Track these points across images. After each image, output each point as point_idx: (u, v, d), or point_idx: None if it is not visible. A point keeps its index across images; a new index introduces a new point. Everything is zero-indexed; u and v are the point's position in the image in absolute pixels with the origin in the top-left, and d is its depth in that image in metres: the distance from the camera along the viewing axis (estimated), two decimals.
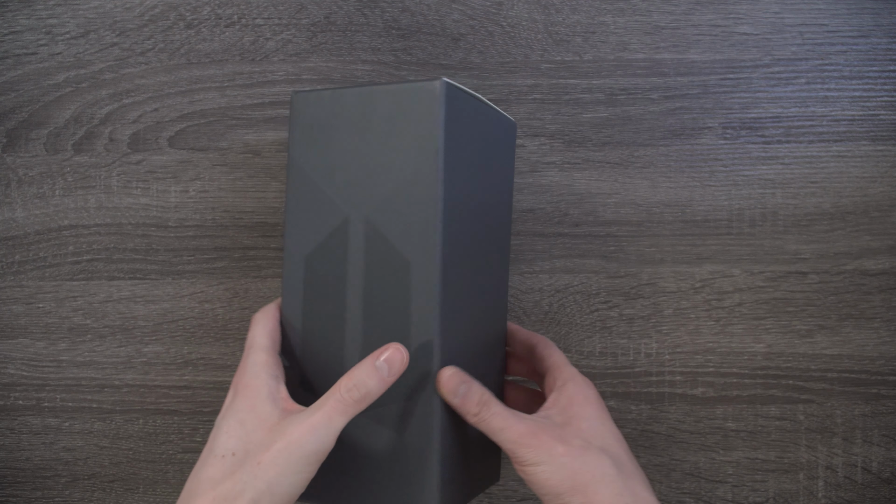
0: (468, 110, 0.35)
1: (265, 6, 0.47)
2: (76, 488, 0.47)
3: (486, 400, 0.33)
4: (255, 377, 0.33)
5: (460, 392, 0.33)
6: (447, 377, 0.33)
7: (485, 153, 0.37)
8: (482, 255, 0.37)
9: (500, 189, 0.39)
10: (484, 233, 0.37)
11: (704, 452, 0.47)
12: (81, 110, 0.47)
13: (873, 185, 0.47)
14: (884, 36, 0.47)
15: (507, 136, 0.40)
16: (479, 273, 0.36)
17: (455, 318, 0.34)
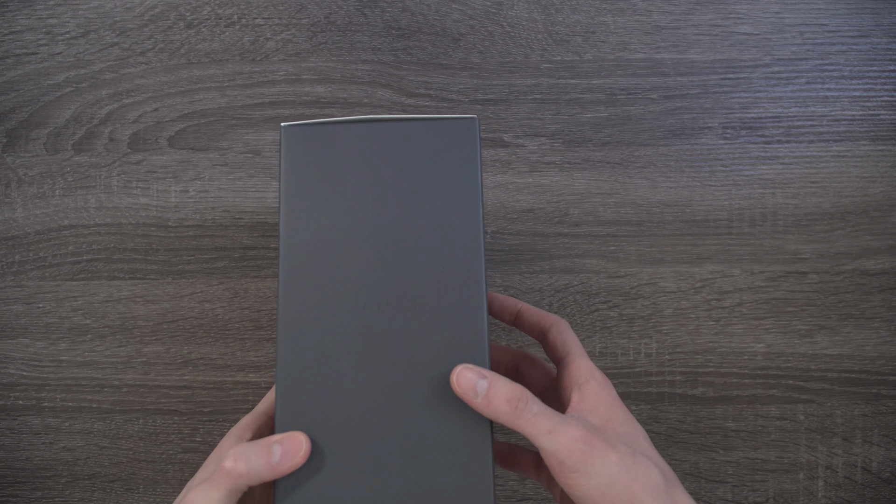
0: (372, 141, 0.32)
1: (265, 6, 0.47)
2: (76, 488, 0.47)
3: (521, 395, 0.29)
4: (226, 438, 0.32)
5: (480, 390, 0.29)
6: (458, 374, 0.29)
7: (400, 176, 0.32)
8: None
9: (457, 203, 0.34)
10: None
11: (704, 452, 0.47)
12: (81, 110, 0.47)
13: (873, 185, 0.47)
14: (884, 36, 0.47)
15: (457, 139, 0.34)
16: None
17: None
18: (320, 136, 0.32)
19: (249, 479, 0.28)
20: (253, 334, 0.47)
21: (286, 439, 0.29)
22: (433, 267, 0.31)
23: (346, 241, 0.31)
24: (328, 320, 0.31)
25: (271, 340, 0.47)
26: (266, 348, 0.47)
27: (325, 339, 0.31)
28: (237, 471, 0.28)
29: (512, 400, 0.29)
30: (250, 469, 0.28)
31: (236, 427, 0.33)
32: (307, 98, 0.47)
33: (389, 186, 0.31)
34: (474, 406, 0.29)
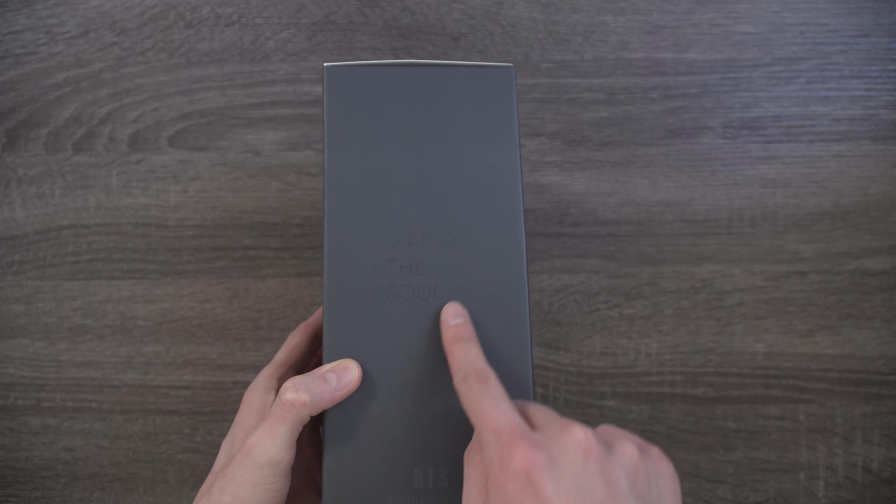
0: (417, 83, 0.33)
1: (265, 6, 0.47)
2: (76, 488, 0.47)
3: (483, 368, 0.28)
4: (252, 391, 0.33)
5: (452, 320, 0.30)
6: (447, 307, 0.30)
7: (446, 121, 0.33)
8: None
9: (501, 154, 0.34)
10: None
11: (704, 452, 0.47)
12: (81, 110, 0.47)
13: (873, 185, 0.47)
14: (884, 35, 0.47)
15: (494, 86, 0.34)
16: None
17: None
18: (362, 78, 0.33)
19: (312, 408, 0.29)
20: (253, 334, 0.47)
21: (338, 367, 0.30)
22: (474, 205, 0.32)
23: (389, 178, 0.32)
24: (372, 253, 0.32)
25: (271, 340, 0.47)
26: (266, 348, 0.47)
27: (369, 272, 0.32)
28: (300, 400, 0.29)
29: (473, 373, 0.28)
30: (313, 397, 0.29)
31: (259, 379, 0.33)
32: (307, 98, 0.47)
33: (430, 128, 0.32)
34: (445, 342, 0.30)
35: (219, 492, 0.29)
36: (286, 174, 0.47)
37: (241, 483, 0.29)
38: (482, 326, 0.31)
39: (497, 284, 0.32)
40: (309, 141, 0.47)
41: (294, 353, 0.35)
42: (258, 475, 0.28)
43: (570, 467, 0.24)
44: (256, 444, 0.29)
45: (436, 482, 0.31)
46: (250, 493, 0.29)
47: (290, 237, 0.47)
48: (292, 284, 0.47)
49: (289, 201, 0.47)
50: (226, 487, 0.29)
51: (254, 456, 0.28)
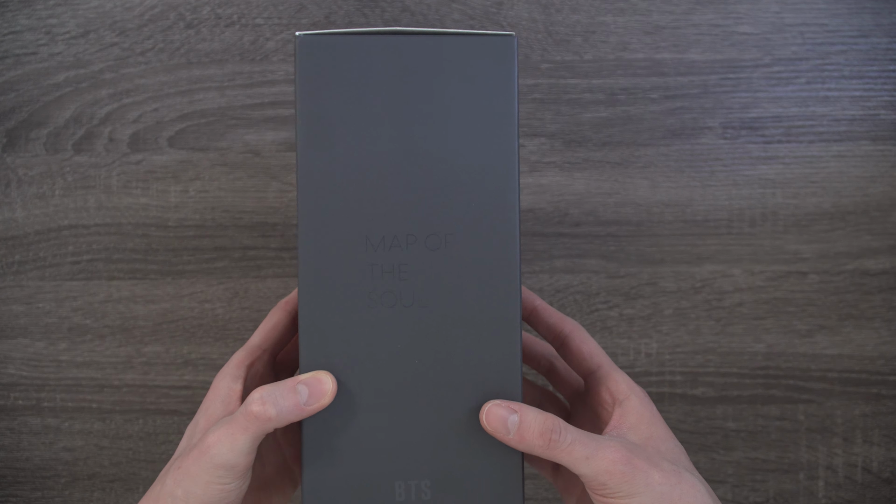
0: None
1: (265, 6, 0.47)
2: (76, 488, 0.47)
3: (553, 426, 0.28)
4: (220, 377, 0.32)
5: (511, 426, 0.28)
6: (488, 412, 0.29)
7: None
8: None
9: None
10: None
11: (704, 452, 0.47)
12: (81, 110, 0.47)
13: (873, 185, 0.47)
14: (884, 36, 0.47)
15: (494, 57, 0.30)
16: None
17: None
18: (340, 49, 0.28)
19: (278, 422, 0.28)
20: None
21: (312, 380, 0.28)
22: (464, 203, 0.29)
23: (370, 170, 0.29)
24: (351, 258, 0.29)
25: None
26: None
27: (348, 278, 0.29)
28: (266, 414, 0.27)
29: (545, 433, 0.28)
30: (279, 412, 0.28)
31: (229, 365, 0.32)
32: None
33: (417, 110, 0.29)
34: (507, 442, 0.29)
35: (172, 483, 0.28)
36: (286, 174, 0.47)
37: (195, 479, 0.28)
38: (468, 335, 0.29)
39: (487, 293, 0.29)
40: None
41: (271, 334, 0.34)
42: (213, 475, 0.28)
43: None
44: (214, 445, 0.28)
45: (418, 495, 0.30)
46: (202, 490, 0.28)
47: (290, 237, 0.47)
48: (292, 285, 0.47)
49: (289, 201, 0.47)
50: (179, 480, 0.28)
51: (210, 456, 0.28)
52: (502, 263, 0.29)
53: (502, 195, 0.29)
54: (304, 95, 0.28)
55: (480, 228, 0.29)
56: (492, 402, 0.29)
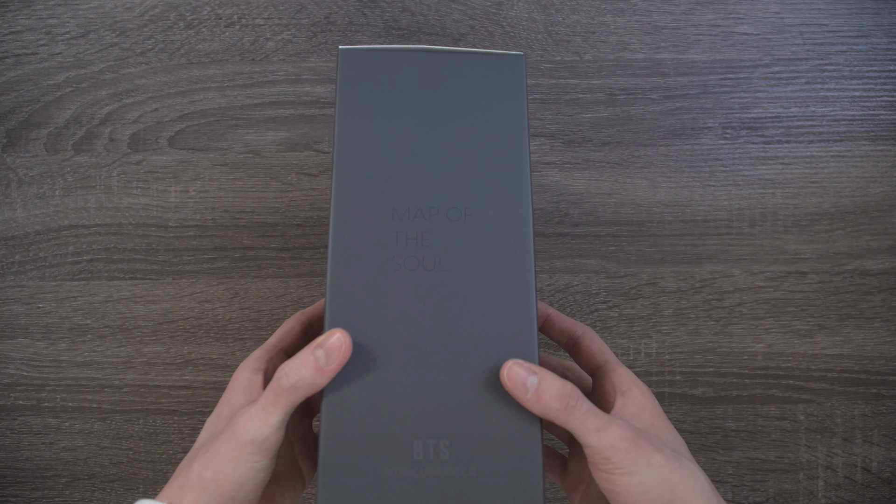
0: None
1: (265, 6, 0.47)
2: (76, 488, 0.47)
3: (571, 392, 0.29)
4: (241, 370, 0.33)
5: (530, 385, 0.29)
6: (508, 369, 0.29)
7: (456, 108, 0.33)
8: None
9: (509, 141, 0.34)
10: None
11: (704, 452, 0.47)
12: (81, 110, 0.47)
13: (873, 185, 0.47)
14: (884, 36, 0.47)
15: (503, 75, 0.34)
16: None
17: None
18: (375, 61, 0.33)
19: (307, 389, 0.29)
20: (253, 334, 0.47)
21: (325, 340, 0.29)
22: (482, 183, 0.32)
23: (398, 155, 0.32)
24: (378, 225, 0.32)
25: None
26: None
27: (374, 243, 0.31)
28: (293, 384, 0.29)
29: (563, 396, 0.29)
30: (302, 379, 0.29)
31: (249, 360, 0.33)
32: (307, 98, 0.47)
33: (441, 111, 0.32)
34: (524, 402, 0.29)
35: (200, 467, 0.29)
36: (286, 174, 0.47)
37: (225, 459, 0.29)
38: (486, 299, 0.31)
39: (504, 261, 0.32)
40: (309, 141, 0.48)
41: (286, 338, 0.35)
42: (244, 452, 0.28)
43: None
44: (246, 422, 0.29)
45: (436, 454, 0.30)
46: (233, 469, 0.28)
47: (290, 237, 0.47)
48: (292, 284, 0.47)
49: (289, 202, 0.47)
50: (208, 463, 0.29)
51: (241, 433, 0.29)
52: (517, 235, 0.33)
53: (515, 175, 0.33)
54: (344, 97, 0.32)
55: (497, 202, 0.32)
56: (513, 360, 0.30)
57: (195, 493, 0.29)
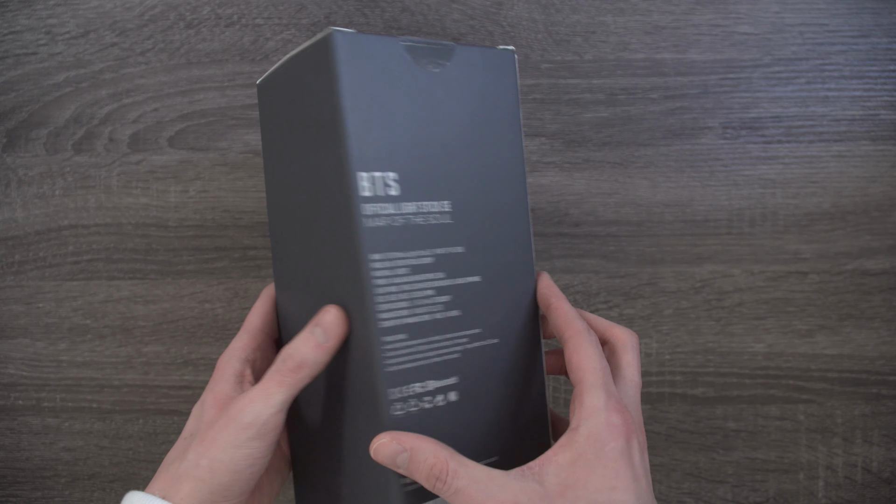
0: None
1: (265, 6, 0.47)
2: (76, 488, 0.47)
3: (441, 472, 0.27)
4: (227, 359, 0.32)
5: (400, 463, 0.27)
6: (376, 447, 0.28)
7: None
8: None
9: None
10: None
11: (704, 452, 0.47)
12: (81, 110, 0.47)
13: (873, 185, 0.47)
14: (884, 36, 0.47)
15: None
16: None
17: None
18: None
19: (312, 368, 0.29)
20: None
21: (321, 317, 0.29)
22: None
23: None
24: None
25: None
26: None
27: None
28: (297, 365, 0.29)
29: (430, 478, 0.27)
30: (303, 360, 0.29)
31: (234, 349, 0.32)
32: None
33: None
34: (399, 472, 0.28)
35: (195, 456, 0.29)
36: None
37: (222, 446, 0.28)
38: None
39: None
40: None
41: (267, 318, 0.34)
42: (241, 436, 0.28)
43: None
44: (246, 405, 0.28)
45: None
46: (230, 456, 0.28)
47: None
48: None
49: None
50: (204, 452, 0.28)
51: (239, 418, 0.28)
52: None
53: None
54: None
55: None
56: (386, 434, 0.28)
57: (191, 484, 0.28)
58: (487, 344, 0.32)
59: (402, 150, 0.30)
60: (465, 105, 0.32)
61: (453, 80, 0.32)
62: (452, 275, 0.31)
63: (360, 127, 0.29)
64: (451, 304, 0.31)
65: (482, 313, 0.32)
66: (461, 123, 0.32)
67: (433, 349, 0.30)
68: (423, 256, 0.30)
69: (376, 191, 0.29)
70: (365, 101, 0.29)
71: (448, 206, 0.31)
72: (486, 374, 0.32)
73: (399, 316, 0.30)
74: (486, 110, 0.32)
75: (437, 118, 0.31)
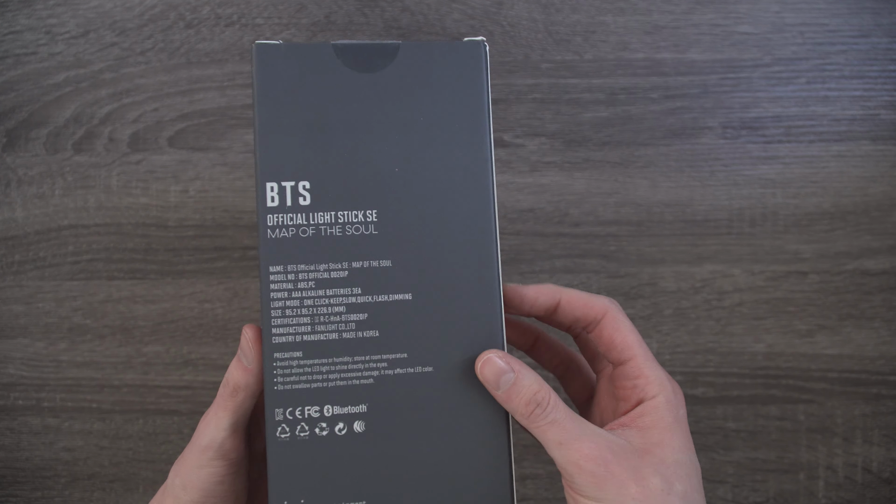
0: None
1: (265, 6, 0.47)
2: (76, 488, 0.47)
3: (543, 399, 0.27)
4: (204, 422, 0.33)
5: (503, 383, 0.27)
6: (484, 361, 0.28)
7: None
8: None
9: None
10: None
11: (704, 452, 0.47)
12: (81, 110, 0.47)
13: (873, 185, 0.47)
14: (884, 35, 0.47)
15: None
16: None
17: None
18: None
19: (245, 391, 0.29)
20: None
21: (241, 339, 0.29)
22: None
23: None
24: None
25: None
26: None
27: None
28: (226, 391, 0.29)
29: (530, 403, 0.27)
30: (236, 384, 0.29)
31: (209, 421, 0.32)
32: None
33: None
34: (495, 397, 0.28)
35: (173, 475, 0.30)
36: None
37: (189, 466, 0.30)
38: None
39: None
40: None
41: None
42: (203, 457, 0.29)
43: None
44: (203, 429, 0.30)
45: None
46: (196, 476, 0.29)
47: None
48: None
49: None
50: (178, 471, 0.30)
51: (198, 440, 0.30)
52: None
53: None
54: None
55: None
56: (492, 351, 0.28)
57: (170, 501, 0.30)
58: (414, 372, 0.29)
59: (320, 158, 0.28)
60: (407, 107, 0.29)
61: (394, 81, 0.29)
62: (372, 291, 0.28)
63: (271, 136, 0.28)
64: (366, 324, 0.28)
65: (410, 337, 0.28)
66: (401, 127, 0.29)
67: (337, 371, 0.28)
68: (335, 270, 0.28)
69: (284, 200, 0.28)
70: (280, 110, 0.28)
71: (374, 216, 0.29)
72: (407, 407, 0.28)
73: (296, 332, 0.28)
74: (439, 111, 0.29)
75: (369, 122, 0.29)
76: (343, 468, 0.28)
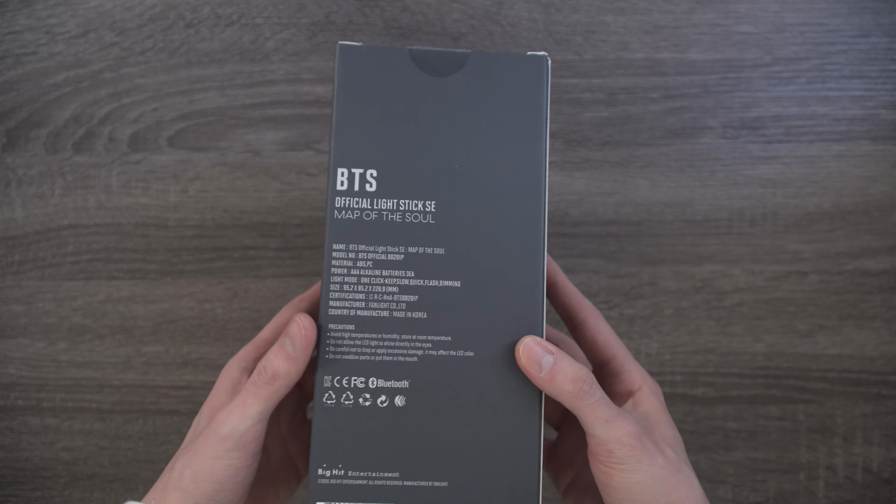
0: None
1: (265, 6, 0.47)
2: (76, 488, 0.47)
3: (586, 378, 0.28)
4: (227, 369, 0.32)
5: (545, 364, 0.29)
6: (524, 345, 0.29)
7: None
8: None
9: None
10: None
11: (704, 452, 0.47)
12: (81, 110, 0.47)
13: (873, 185, 0.47)
14: (884, 35, 0.47)
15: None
16: None
17: None
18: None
19: (284, 380, 0.29)
20: (253, 334, 0.47)
21: (290, 329, 0.29)
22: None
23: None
24: None
25: None
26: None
27: None
28: (270, 376, 0.29)
29: (577, 381, 0.28)
30: (276, 372, 0.29)
31: (236, 358, 0.32)
32: (307, 98, 0.47)
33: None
34: (536, 381, 0.29)
35: (181, 466, 0.29)
36: (286, 174, 0.47)
37: (204, 456, 0.28)
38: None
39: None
40: (309, 141, 0.47)
41: (279, 329, 0.34)
42: (221, 447, 0.28)
43: None
44: (225, 417, 0.28)
45: None
46: (210, 467, 0.28)
47: (290, 237, 0.47)
48: (292, 284, 0.47)
49: (289, 201, 0.47)
50: (189, 462, 0.29)
51: (218, 429, 0.28)
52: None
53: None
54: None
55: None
56: (530, 337, 0.29)
57: (176, 494, 0.28)
58: (456, 355, 0.30)
59: (387, 149, 0.31)
60: (471, 110, 0.32)
61: (461, 86, 0.32)
62: (424, 275, 0.30)
63: (346, 127, 0.31)
64: (415, 305, 0.30)
65: (456, 321, 0.30)
66: (463, 128, 0.31)
67: (385, 346, 0.30)
68: (392, 253, 0.30)
69: (353, 185, 0.30)
70: (356, 104, 0.31)
71: (433, 206, 0.31)
72: (446, 387, 0.30)
73: (350, 307, 0.30)
74: (500, 116, 0.32)
75: (434, 121, 0.31)
76: (381, 439, 0.30)
